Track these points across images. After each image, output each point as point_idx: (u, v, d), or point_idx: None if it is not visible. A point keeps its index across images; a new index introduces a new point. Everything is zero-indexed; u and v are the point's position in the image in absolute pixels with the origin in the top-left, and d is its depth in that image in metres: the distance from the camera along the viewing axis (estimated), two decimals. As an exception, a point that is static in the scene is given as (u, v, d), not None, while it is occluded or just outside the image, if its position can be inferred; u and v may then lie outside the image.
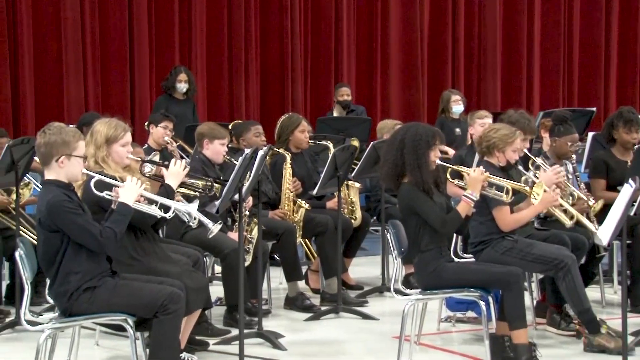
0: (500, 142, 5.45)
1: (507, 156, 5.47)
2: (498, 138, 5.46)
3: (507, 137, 5.46)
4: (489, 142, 5.47)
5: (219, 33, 11.67)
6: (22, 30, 10.50)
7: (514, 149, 5.48)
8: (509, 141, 5.46)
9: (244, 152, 5.28)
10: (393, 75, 12.61)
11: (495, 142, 5.46)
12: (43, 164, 4.54)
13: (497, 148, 5.46)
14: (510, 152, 5.47)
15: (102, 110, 9.73)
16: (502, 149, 5.45)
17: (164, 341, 4.50)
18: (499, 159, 5.47)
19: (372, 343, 5.91)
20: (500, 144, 5.45)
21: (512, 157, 5.48)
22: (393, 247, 5.28)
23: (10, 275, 6.62)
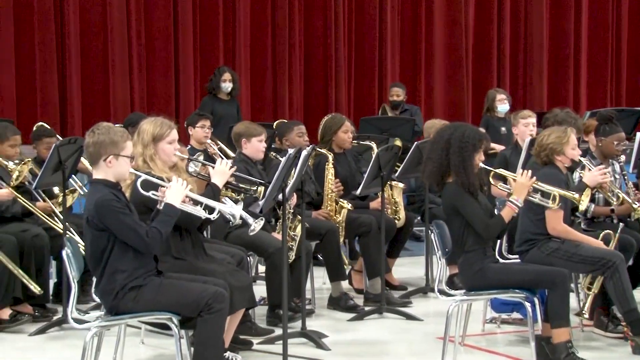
0: (556, 145, 5.43)
1: (569, 155, 5.45)
2: (553, 142, 5.43)
3: (561, 139, 5.43)
4: (545, 150, 5.45)
5: (263, 33, 11.71)
6: (69, 31, 10.64)
7: (572, 146, 5.46)
8: (563, 142, 5.43)
9: (288, 152, 5.29)
10: (437, 74, 12.55)
11: (551, 147, 5.43)
12: (91, 163, 4.59)
13: (555, 152, 5.43)
14: (570, 151, 5.45)
15: (147, 111, 9.82)
16: (560, 151, 5.42)
17: (208, 340, 4.52)
18: (562, 161, 5.44)
19: (415, 344, 5.89)
20: (557, 147, 5.42)
21: (574, 155, 5.47)
22: (437, 248, 5.25)
23: (58, 274, 6.71)
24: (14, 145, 6.50)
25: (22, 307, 6.22)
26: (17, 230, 6.27)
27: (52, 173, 6.10)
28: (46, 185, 6.39)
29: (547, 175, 5.33)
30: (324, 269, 6.87)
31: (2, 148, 6.48)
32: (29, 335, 5.96)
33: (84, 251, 4.71)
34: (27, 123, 9.51)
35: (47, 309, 6.41)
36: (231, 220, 4.76)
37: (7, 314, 6.07)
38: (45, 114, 9.91)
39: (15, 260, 6.12)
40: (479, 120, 9.64)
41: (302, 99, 11.95)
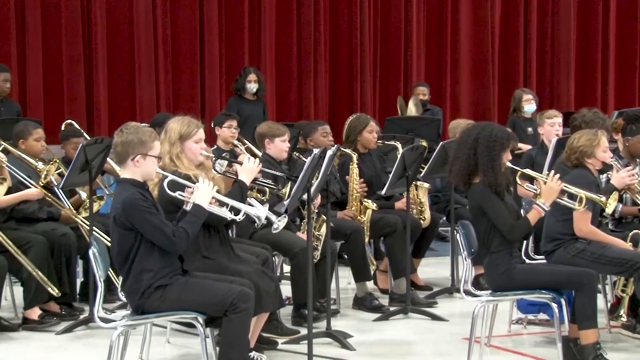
0: (586, 148, 5.39)
1: (600, 158, 5.41)
2: (583, 145, 5.40)
3: (592, 141, 5.40)
4: (576, 153, 5.42)
5: (288, 33, 11.72)
6: (96, 32, 10.71)
7: (603, 149, 5.42)
8: (594, 144, 5.40)
9: (313, 152, 5.29)
10: (463, 74, 12.50)
11: (582, 149, 5.40)
12: (119, 162, 4.62)
13: (586, 155, 5.39)
14: (600, 154, 5.42)
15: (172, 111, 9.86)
16: (591, 154, 5.39)
17: (233, 340, 4.53)
18: (593, 164, 5.40)
19: (441, 344, 5.87)
20: (588, 150, 5.39)
21: (605, 158, 5.44)
22: (463, 248, 5.23)
23: (84, 273, 6.75)
24: (38, 139, 6.56)
25: (50, 305, 6.27)
26: (46, 230, 6.33)
27: (79, 173, 6.14)
28: (73, 185, 6.43)
29: (578, 177, 5.30)
30: (349, 269, 6.86)
31: (29, 144, 6.54)
32: (56, 334, 6.01)
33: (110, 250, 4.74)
34: (53, 123, 9.60)
35: (73, 307, 6.45)
36: (256, 222, 4.77)
37: (36, 314, 6.12)
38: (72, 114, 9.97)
39: (47, 259, 6.16)
40: (505, 120, 9.59)
41: (327, 99, 11.95)
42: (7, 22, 10.34)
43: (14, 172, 6.27)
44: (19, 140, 6.57)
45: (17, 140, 6.59)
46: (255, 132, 6.73)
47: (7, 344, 5.83)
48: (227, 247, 5.11)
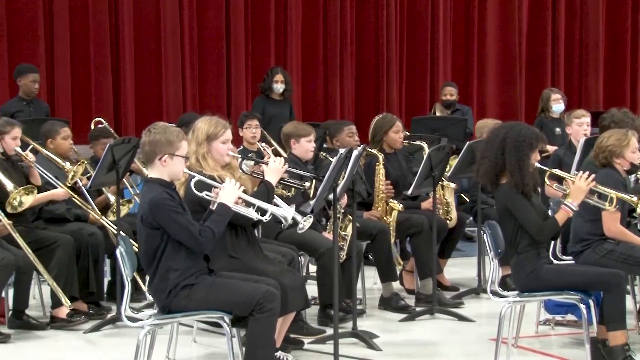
0: (615, 147, 5.35)
1: (629, 158, 5.38)
2: (612, 145, 5.36)
3: (621, 141, 5.36)
4: (604, 152, 5.38)
5: (314, 33, 11.72)
6: (123, 32, 10.77)
7: (632, 149, 5.38)
8: (623, 144, 5.36)
9: (339, 152, 5.28)
10: (490, 73, 12.43)
11: (611, 149, 5.36)
12: (147, 162, 4.64)
13: (614, 155, 5.35)
14: (629, 154, 5.38)
15: (199, 111, 9.90)
16: (620, 154, 5.35)
17: (259, 339, 4.53)
18: (621, 164, 5.36)
19: (468, 345, 5.84)
20: (617, 150, 5.35)
21: (633, 159, 5.40)
22: (489, 249, 5.20)
23: (112, 272, 6.79)
24: (66, 137, 6.62)
25: (78, 304, 6.31)
26: (74, 229, 6.37)
27: (106, 172, 6.18)
28: (100, 185, 6.47)
29: (606, 177, 5.25)
30: (374, 269, 6.85)
31: (57, 143, 6.60)
32: (84, 332, 6.05)
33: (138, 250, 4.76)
34: (81, 123, 9.66)
35: (101, 306, 6.49)
36: (282, 223, 4.78)
37: (64, 312, 6.16)
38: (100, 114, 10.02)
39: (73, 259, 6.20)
40: (533, 120, 9.53)
41: (353, 99, 11.94)
42: (35, 22, 10.43)
43: (42, 173, 6.32)
44: (47, 140, 6.63)
45: (45, 140, 6.64)
46: (281, 132, 6.74)
47: (35, 343, 5.88)
48: (254, 246, 5.11)
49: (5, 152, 6.23)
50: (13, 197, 5.91)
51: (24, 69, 8.80)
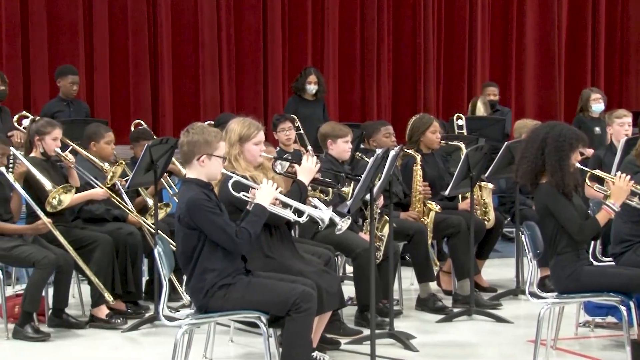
0: None
1: None
2: None
3: None
4: None
5: (351, 33, 11.72)
6: (161, 33, 10.86)
7: None
8: None
9: (375, 152, 5.27)
10: (528, 73, 12.34)
11: None
12: (185, 162, 4.66)
13: None
14: None
15: (236, 111, 9.94)
16: None
17: (296, 339, 4.53)
18: None
19: (505, 347, 5.80)
20: None
21: None
22: (528, 249, 5.16)
23: (149, 272, 6.83)
24: (109, 142, 6.68)
25: (116, 303, 6.36)
26: (113, 229, 6.43)
27: (144, 173, 6.22)
28: (138, 185, 6.52)
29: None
30: (411, 269, 6.82)
31: (100, 147, 6.65)
32: (122, 331, 6.09)
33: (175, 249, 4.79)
34: (120, 124, 9.76)
35: (139, 306, 6.53)
36: (320, 225, 4.78)
37: (104, 313, 6.21)
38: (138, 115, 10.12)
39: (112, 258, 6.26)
40: (572, 120, 9.44)
41: (390, 99, 11.92)
42: (75, 24, 10.55)
43: (81, 173, 6.38)
44: (90, 142, 6.68)
45: (88, 142, 6.70)
46: (318, 132, 6.74)
47: (74, 341, 5.94)
48: (289, 245, 5.12)
49: (45, 153, 6.30)
50: (52, 196, 5.98)
51: (63, 71, 8.88)
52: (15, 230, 6.06)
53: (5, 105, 8.21)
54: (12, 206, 6.16)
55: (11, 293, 6.49)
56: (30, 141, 6.35)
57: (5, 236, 5.98)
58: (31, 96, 10.36)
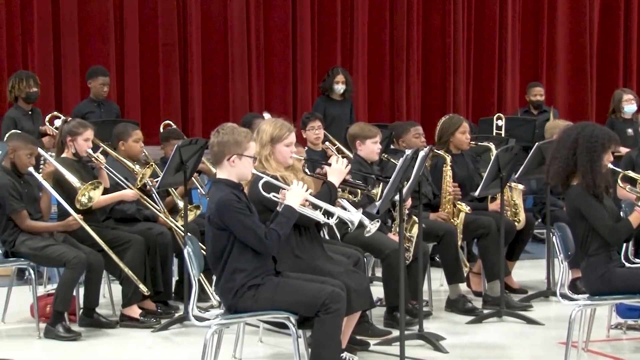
0: None
1: None
2: None
3: None
4: None
5: (380, 33, 11.70)
6: (191, 35, 10.91)
7: None
8: None
9: (404, 152, 5.25)
10: (559, 74, 12.25)
11: None
12: (215, 162, 4.67)
13: None
14: None
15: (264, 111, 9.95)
16: None
17: (325, 340, 4.53)
18: None
19: (536, 348, 5.76)
20: None
21: None
22: (559, 251, 5.11)
23: (179, 272, 6.86)
24: (137, 140, 6.71)
25: (146, 303, 6.39)
26: (143, 229, 6.46)
27: (174, 173, 6.24)
28: (168, 186, 6.55)
29: None
30: (441, 270, 6.80)
31: (128, 146, 6.69)
32: (152, 331, 6.12)
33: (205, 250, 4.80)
34: (150, 125, 9.82)
35: (169, 306, 6.56)
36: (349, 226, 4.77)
37: (136, 313, 6.24)
38: (168, 115, 10.18)
39: (144, 258, 6.29)
40: (603, 121, 9.35)
41: (419, 100, 11.88)
42: (106, 26, 10.62)
43: (112, 174, 6.42)
44: (119, 142, 6.73)
45: (117, 142, 6.75)
46: (347, 132, 6.73)
47: (105, 340, 5.97)
48: (318, 246, 5.12)
49: (77, 153, 6.35)
50: (81, 193, 6.02)
51: (94, 72, 8.93)
52: (46, 227, 6.12)
53: (37, 106, 8.28)
54: (42, 205, 6.22)
55: (43, 293, 6.55)
56: (62, 142, 6.40)
57: (37, 236, 6.04)
58: (62, 97, 10.45)
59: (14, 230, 6.02)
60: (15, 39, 10.30)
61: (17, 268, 6.51)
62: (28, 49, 10.33)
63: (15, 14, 10.31)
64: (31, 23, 10.34)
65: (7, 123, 7.91)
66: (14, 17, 10.30)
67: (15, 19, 10.30)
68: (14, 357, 5.44)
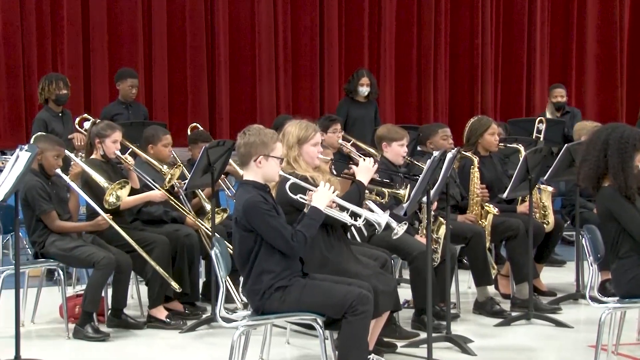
0: None
1: None
2: None
3: None
4: None
5: (408, 35, 11.68)
6: (218, 37, 10.95)
7: None
8: None
9: (432, 154, 5.23)
10: (589, 75, 12.16)
11: None
12: (242, 164, 4.68)
13: None
14: None
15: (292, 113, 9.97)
16: None
17: (352, 342, 4.52)
18: None
19: (565, 351, 5.71)
20: None
21: None
22: (588, 253, 5.07)
23: (207, 273, 6.88)
24: (167, 144, 6.75)
25: (174, 304, 6.42)
26: (170, 231, 6.48)
27: (202, 175, 6.26)
28: (196, 187, 6.57)
29: None
30: (469, 273, 6.76)
31: (157, 149, 6.73)
32: (180, 332, 6.14)
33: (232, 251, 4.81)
34: (178, 126, 9.87)
35: (196, 307, 6.58)
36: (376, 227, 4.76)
37: (163, 314, 6.27)
38: (195, 117, 10.22)
39: (169, 259, 6.32)
40: (634, 122, 9.27)
41: (447, 101, 11.83)
42: (135, 28, 10.69)
43: (140, 175, 6.46)
44: (148, 145, 6.76)
45: (146, 145, 6.78)
46: (374, 134, 6.71)
47: (132, 341, 6.01)
48: (345, 247, 5.11)
49: (105, 155, 6.39)
50: (109, 192, 6.05)
51: (123, 74, 8.99)
52: (75, 227, 6.17)
53: (66, 108, 8.35)
54: (70, 206, 6.26)
55: (72, 293, 6.59)
56: (91, 143, 6.45)
57: (66, 237, 6.08)
58: (92, 99, 10.53)
59: (44, 232, 6.07)
60: (45, 42, 10.40)
61: (46, 269, 6.58)
62: (58, 51, 10.42)
63: (45, 17, 10.40)
64: (61, 27, 10.43)
65: (38, 125, 7.98)
66: (44, 20, 10.40)
67: (45, 22, 10.40)
68: (43, 357, 5.48)
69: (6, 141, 10.10)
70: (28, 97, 10.16)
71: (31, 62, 10.32)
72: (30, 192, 5.98)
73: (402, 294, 6.04)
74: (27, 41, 10.29)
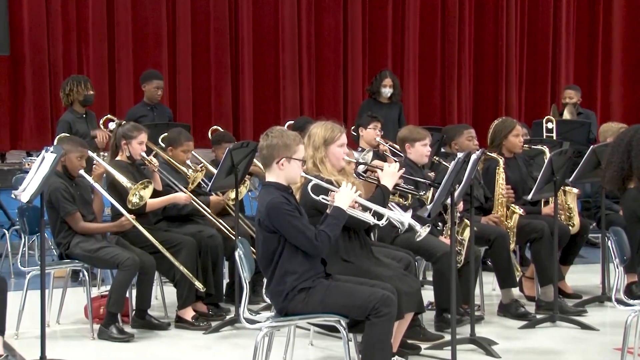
0: None
1: None
2: None
3: None
4: None
5: (431, 36, 11.65)
6: (242, 38, 10.99)
7: None
8: None
9: (456, 156, 5.21)
10: (615, 76, 12.07)
11: None
12: (264, 165, 4.68)
13: None
14: None
15: (315, 114, 9.97)
16: None
17: (376, 344, 4.51)
18: None
19: (591, 354, 5.67)
20: None
21: None
22: (614, 255, 5.03)
23: (230, 275, 6.89)
24: (186, 150, 6.74)
25: (197, 305, 6.43)
26: (194, 231, 6.50)
27: (226, 176, 6.28)
28: (220, 188, 6.59)
29: None
30: (493, 274, 6.73)
31: (176, 152, 6.74)
32: (204, 333, 6.16)
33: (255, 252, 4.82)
34: (201, 127, 9.90)
35: (220, 308, 6.60)
36: (399, 228, 4.75)
37: (190, 315, 6.29)
38: (219, 119, 10.26)
39: (196, 260, 6.33)
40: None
41: (471, 102, 11.80)
42: (159, 30, 10.75)
43: (165, 177, 6.48)
44: (168, 147, 6.78)
45: (167, 146, 6.80)
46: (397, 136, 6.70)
47: (157, 342, 6.03)
48: (367, 250, 5.10)
49: (131, 156, 6.41)
50: (132, 193, 6.08)
51: (148, 75, 9.01)
52: (100, 228, 6.20)
53: (91, 109, 8.40)
54: (94, 207, 6.29)
55: (96, 294, 6.62)
56: (117, 145, 6.47)
57: (91, 238, 6.12)
58: (116, 100, 10.59)
59: (68, 233, 6.11)
60: (70, 44, 10.47)
61: (71, 270, 6.61)
62: (83, 53, 10.49)
63: (70, 19, 10.48)
64: (86, 29, 10.50)
65: (63, 126, 8.03)
66: (69, 22, 10.47)
67: (70, 24, 10.48)
68: (68, 357, 5.52)
69: (32, 143, 10.19)
70: (53, 99, 10.23)
71: (57, 64, 10.39)
72: (54, 194, 6.01)
73: (425, 295, 6.02)
74: (53, 43, 10.36)
